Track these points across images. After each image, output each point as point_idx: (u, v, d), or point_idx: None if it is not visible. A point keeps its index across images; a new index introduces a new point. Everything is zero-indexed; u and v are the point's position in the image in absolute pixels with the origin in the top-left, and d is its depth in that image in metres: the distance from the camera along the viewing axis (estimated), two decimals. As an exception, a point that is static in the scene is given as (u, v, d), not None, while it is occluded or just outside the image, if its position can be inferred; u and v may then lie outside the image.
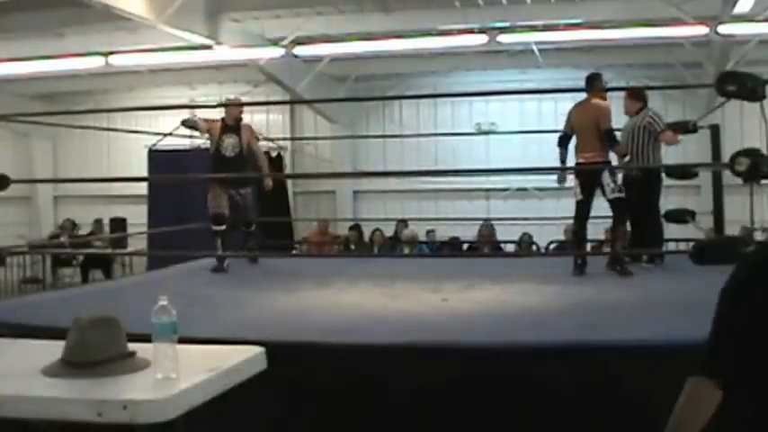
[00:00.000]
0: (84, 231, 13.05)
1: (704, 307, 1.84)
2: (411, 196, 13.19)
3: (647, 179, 6.42)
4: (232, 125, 6.74)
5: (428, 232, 11.60)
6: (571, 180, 6.20)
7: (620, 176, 6.08)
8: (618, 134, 6.38)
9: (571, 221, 6.43)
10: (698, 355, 1.73)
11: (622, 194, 5.93)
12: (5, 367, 2.32)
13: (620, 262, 5.94)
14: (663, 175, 6.83)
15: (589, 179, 5.99)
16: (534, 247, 10.82)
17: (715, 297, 1.74)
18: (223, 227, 6.63)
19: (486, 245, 10.62)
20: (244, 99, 12.62)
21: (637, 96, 6.59)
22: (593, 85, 6.16)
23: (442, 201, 13.21)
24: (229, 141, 6.68)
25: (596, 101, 6.11)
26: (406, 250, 10.67)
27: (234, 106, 6.88)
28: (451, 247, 10.92)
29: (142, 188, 11.05)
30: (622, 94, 6.92)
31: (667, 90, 11.05)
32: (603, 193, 5.98)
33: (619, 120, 6.56)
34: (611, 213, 6.05)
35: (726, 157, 4.97)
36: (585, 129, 6.03)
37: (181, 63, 11.85)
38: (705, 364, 1.70)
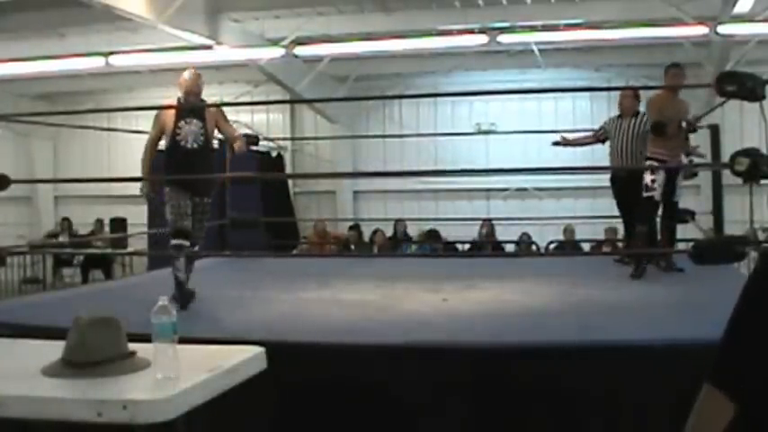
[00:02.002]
0: (84, 231, 13.05)
1: (704, 307, 1.83)
2: (411, 196, 13.19)
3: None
4: (192, 108, 5.05)
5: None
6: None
7: (650, 176, 5.81)
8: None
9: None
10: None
11: (649, 194, 5.80)
12: (5, 367, 2.32)
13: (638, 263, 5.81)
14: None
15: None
16: (534, 247, 10.82)
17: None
18: (188, 242, 4.88)
19: (487, 243, 10.63)
20: (244, 99, 12.87)
21: (638, 97, 6.50)
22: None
23: (442, 201, 13.21)
24: (189, 129, 4.98)
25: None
26: (414, 248, 10.69)
27: (192, 81, 5.12)
28: (431, 239, 10.88)
29: (142, 188, 11.04)
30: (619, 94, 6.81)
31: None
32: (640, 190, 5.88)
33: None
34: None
35: (725, 157, 4.96)
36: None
37: (181, 63, 11.81)
38: (713, 371, 1.40)
